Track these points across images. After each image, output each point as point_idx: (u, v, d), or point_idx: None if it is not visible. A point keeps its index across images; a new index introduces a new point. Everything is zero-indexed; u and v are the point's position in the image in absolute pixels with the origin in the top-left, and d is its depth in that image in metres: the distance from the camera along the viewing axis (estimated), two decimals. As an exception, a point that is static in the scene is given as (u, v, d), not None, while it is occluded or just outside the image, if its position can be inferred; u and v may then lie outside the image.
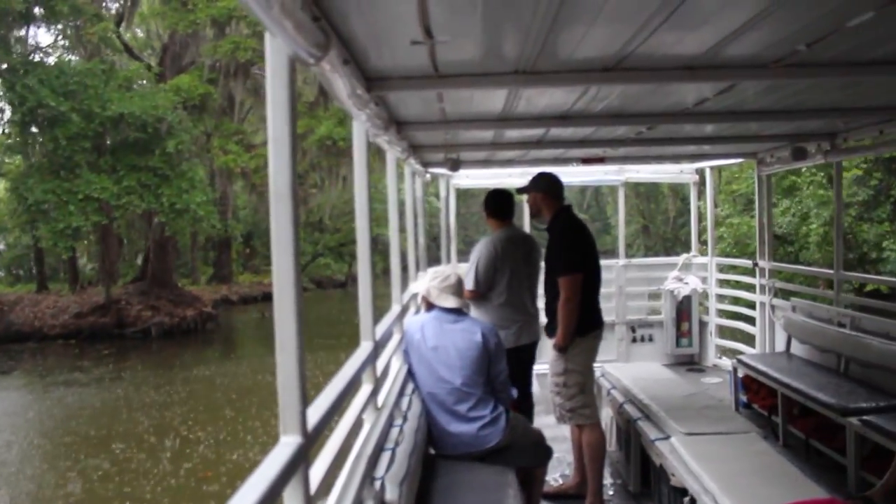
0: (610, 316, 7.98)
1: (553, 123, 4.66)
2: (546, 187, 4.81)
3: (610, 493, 5.03)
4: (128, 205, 20.24)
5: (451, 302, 4.06)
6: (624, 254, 8.71)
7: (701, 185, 8.67)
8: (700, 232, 8.97)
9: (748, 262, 7.93)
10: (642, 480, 4.91)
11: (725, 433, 4.47)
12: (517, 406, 4.26)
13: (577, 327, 4.52)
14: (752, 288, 7.63)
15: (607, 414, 5.70)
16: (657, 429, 4.65)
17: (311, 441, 1.84)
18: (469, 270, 5.04)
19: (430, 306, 4.15)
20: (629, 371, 6.16)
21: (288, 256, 1.75)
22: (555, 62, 3.03)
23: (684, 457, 4.09)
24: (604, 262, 5.52)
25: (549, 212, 4.78)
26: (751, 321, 7.68)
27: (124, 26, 24.31)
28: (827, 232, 16.40)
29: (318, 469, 2.08)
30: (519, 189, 5.15)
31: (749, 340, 7.78)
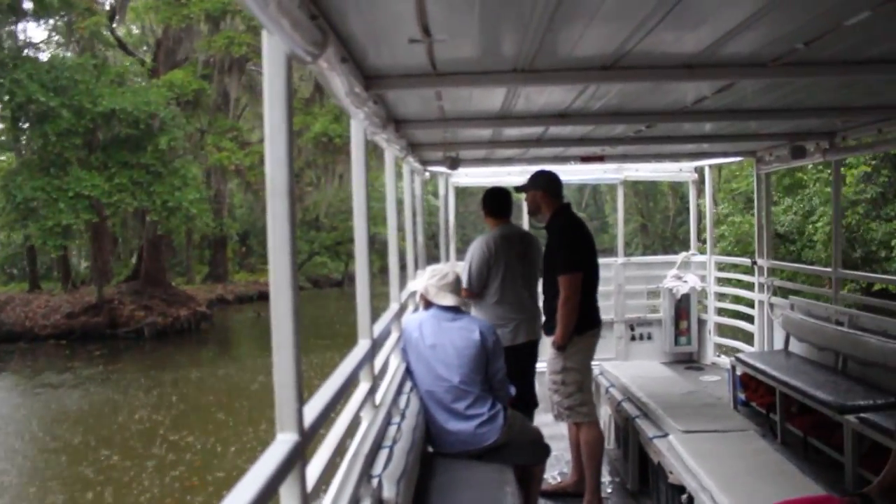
0: (609, 314, 8.00)
1: (552, 122, 4.66)
2: (545, 185, 4.80)
3: (608, 491, 5.03)
4: (119, 202, 19.97)
5: (450, 300, 4.06)
6: (623, 252, 8.72)
7: (700, 184, 8.68)
8: (700, 230, 8.98)
9: (747, 261, 7.94)
10: (640, 478, 4.91)
11: (723, 431, 4.47)
12: (515, 404, 4.25)
13: (576, 326, 4.53)
14: (751, 286, 7.64)
15: (606, 412, 5.70)
16: (655, 427, 4.65)
17: (308, 438, 1.84)
18: (463, 270, 5.04)
19: (429, 304, 4.15)
20: (628, 369, 6.16)
21: (284, 255, 1.75)
22: (553, 60, 3.03)
23: (682, 454, 4.09)
24: (603, 261, 5.53)
25: (548, 210, 4.77)
26: (749, 319, 7.69)
27: (118, 21, 24.08)
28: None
29: (315, 466, 2.08)
30: (517, 187, 5.13)
31: (748, 338, 7.79)
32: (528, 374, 5.10)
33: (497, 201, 5.23)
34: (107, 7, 23.99)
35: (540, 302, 5.02)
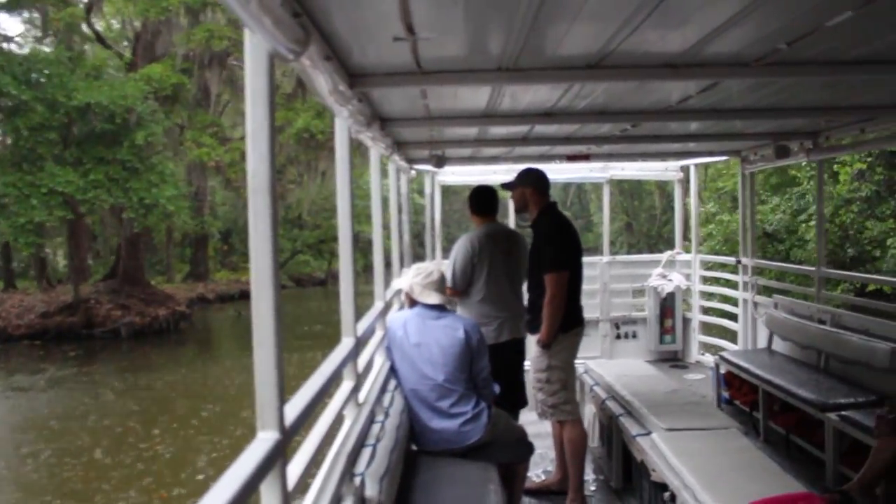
0: (594, 312, 8.03)
1: (537, 120, 4.66)
2: (535, 182, 4.81)
3: (592, 489, 5.05)
4: (94, 199, 19.45)
5: (434, 298, 4.05)
6: (608, 251, 8.74)
7: (686, 183, 8.71)
8: (685, 229, 9.01)
9: (732, 260, 7.98)
10: (624, 476, 4.94)
11: (706, 429, 4.50)
12: (500, 402, 4.26)
13: (561, 324, 4.54)
14: (736, 285, 7.68)
15: (590, 410, 5.72)
16: (639, 425, 4.67)
17: (289, 437, 1.83)
18: (448, 268, 5.04)
19: (414, 303, 4.14)
20: (612, 367, 6.19)
21: (266, 253, 1.74)
22: (538, 59, 3.03)
23: (665, 452, 4.11)
24: (588, 259, 5.55)
25: (536, 207, 4.78)
26: (734, 318, 7.73)
27: (95, 14, 23.57)
28: (828, 229, 16.08)
29: (297, 465, 2.07)
30: (505, 185, 5.11)
31: (732, 337, 7.83)
32: (517, 373, 5.09)
33: (483, 200, 5.24)
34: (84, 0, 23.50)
35: (525, 300, 5.02)
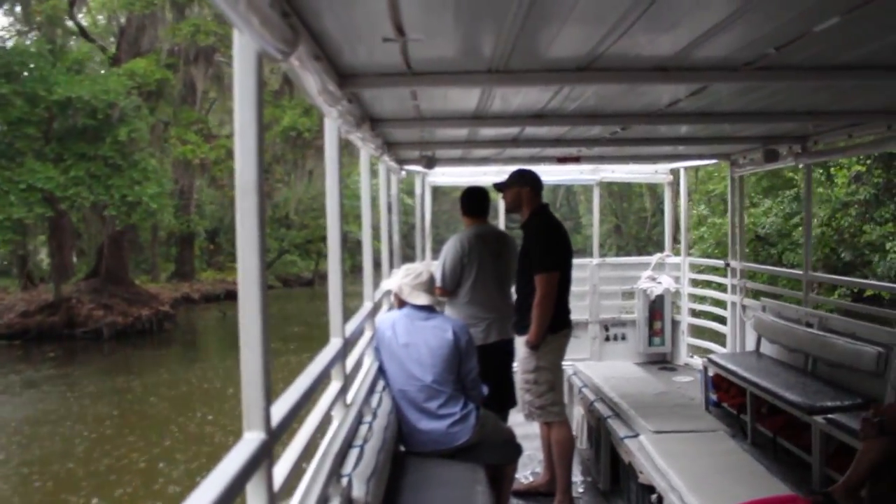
0: (583, 315, 8.05)
1: (528, 122, 4.67)
2: (532, 182, 4.80)
3: (580, 491, 5.05)
4: (75, 196, 18.85)
5: (423, 299, 4.05)
6: (598, 253, 8.76)
7: (676, 186, 8.74)
8: (675, 232, 9.05)
9: (721, 263, 8.01)
10: (612, 478, 4.94)
11: (694, 431, 4.51)
12: (488, 403, 4.26)
13: (550, 325, 4.54)
14: (724, 288, 7.71)
15: (578, 412, 5.72)
16: (626, 427, 4.68)
17: (275, 437, 1.82)
18: (437, 268, 5.04)
19: (402, 303, 4.14)
20: (601, 370, 6.20)
21: (253, 252, 1.73)
22: (528, 61, 3.03)
23: (652, 454, 4.12)
24: (577, 262, 5.55)
25: (529, 208, 4.77)
26: (722, 321, 7.76)
27: (78, 8, 23.13)
28: (824, 232, 15.97)
29: (283, 466, 2.06)
30: (497, 185, 5.05)
31: (721, 340, 7.86)
32: (505, 374, 5.09)
33: (475, 200, 5.24)
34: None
35: (513, 301, 5.02)
